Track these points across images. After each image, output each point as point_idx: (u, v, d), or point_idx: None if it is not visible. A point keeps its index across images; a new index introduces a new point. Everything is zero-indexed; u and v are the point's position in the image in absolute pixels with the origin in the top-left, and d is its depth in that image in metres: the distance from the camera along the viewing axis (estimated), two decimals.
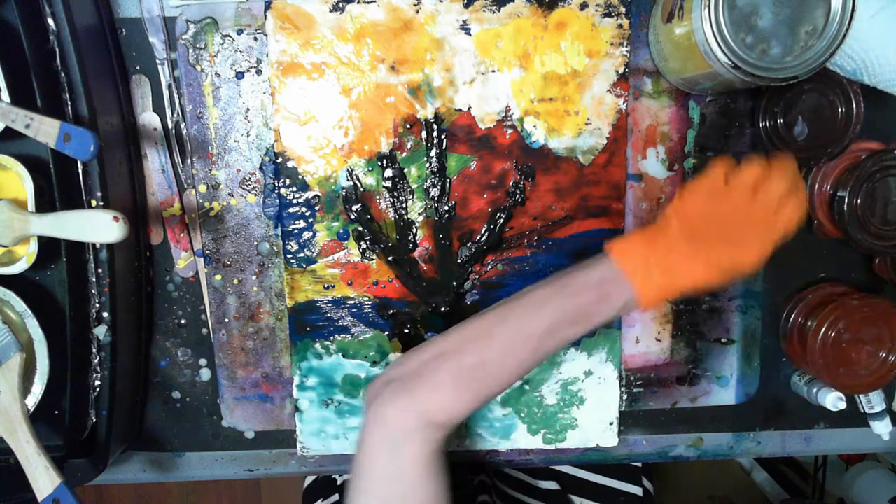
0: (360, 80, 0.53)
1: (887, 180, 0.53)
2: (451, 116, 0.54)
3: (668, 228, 0.45)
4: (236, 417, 0.60)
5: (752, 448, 0.64)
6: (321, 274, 0.56)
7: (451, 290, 0.57)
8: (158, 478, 0.62)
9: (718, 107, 0.56)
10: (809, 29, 0.43)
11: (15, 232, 0.47)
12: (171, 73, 0.54)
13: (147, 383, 0.59)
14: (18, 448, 0.48)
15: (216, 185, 0.56)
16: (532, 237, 0.57)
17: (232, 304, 0.57)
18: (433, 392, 0.44)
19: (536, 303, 0.46)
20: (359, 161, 0.55)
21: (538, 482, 0.74)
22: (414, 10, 0.53)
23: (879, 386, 0.57)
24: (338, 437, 0.59)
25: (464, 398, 0.44)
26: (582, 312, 0.45)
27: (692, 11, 0.45)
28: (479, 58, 0.54)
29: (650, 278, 0.45)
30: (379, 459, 0.44)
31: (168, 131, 0.55)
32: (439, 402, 0.44)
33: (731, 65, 0.44)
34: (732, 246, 0.44)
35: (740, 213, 0.44)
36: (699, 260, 0.44)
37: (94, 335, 0.52)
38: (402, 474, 0.43)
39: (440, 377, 0.44)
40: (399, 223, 0.56)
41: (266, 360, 0.59)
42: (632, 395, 0.61)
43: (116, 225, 0.45)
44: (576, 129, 0.55)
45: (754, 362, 0.61)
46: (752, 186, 0.45)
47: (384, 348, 0.58)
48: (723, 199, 0.45)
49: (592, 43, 0.54)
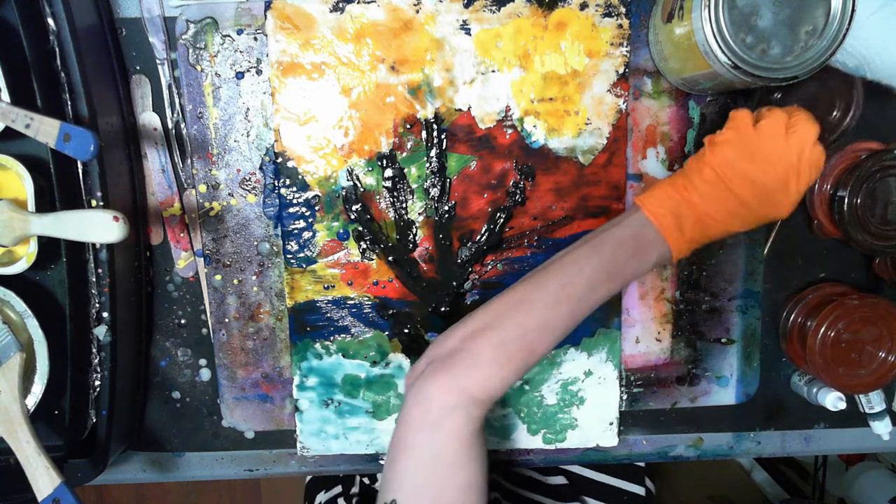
0: (360, 80, 0.54)
1: (887, 180, 0.53)
2: (451, 116, 0.54)
3: (700, 180, 0.45)
4: (236, 417, 0.60)
5: (752, 448, 0.64)
6: (321, 274, 0.56)
7: (451, 290, 0.57)
8: (158, 478, 0.62)
9: (718, 107, 0.56)
10: (809, 29, 0.43)
11: (15, 232, 0.47)
12: (171, 73, 0.54)
13: (147, 383, 0.59)
14: (18, 448, 0.48)
15: (216, 185, 0.56)
16: (532, 237, 0.57)
17: (232, 304, 0.57)
18: (473, 368, 0.43)
19: (574, 264, 0.46)
20: (359, 161, 0.55)
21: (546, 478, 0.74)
22: (414, 10, 0.53)
23: (879, 386, 0.57)
24: (338, 437, 0.59)
25: (504, 372, 0.44)
26: (619, 269, 0.46)
27: (692, 11, 0.45)
28: (479, 58, 0.54)
29: (683, 232, 0.45)
30: (418, 439, 0.43)
31: (168, 131, 0.55)
32: (480, 378, 0.43)
33: (731, 65, 0.44)
34: (769, 194, 0.44)
35: (776, 157, 0.44)
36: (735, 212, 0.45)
37: (94, 335, 0.52)
38: (441, 454, 0.42)
39: (480, 353, 0.44)
40: (399, 223, 0.56)
41: (266, 360, 0.59)
42: (632, 395, 0.61)
43: (116, 225, 0.45)
44: (576, 129, 0.55)
45: (754, 362, 0.61)
46: (783, 130, 0.44)
47: (384, 348, 0.58)
48: (756, 146, 0.44)
49: (592, 43, 0.54)
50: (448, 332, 0.47)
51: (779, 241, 0.58)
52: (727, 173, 0.44)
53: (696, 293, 0.59)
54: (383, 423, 0.59)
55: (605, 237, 0.46)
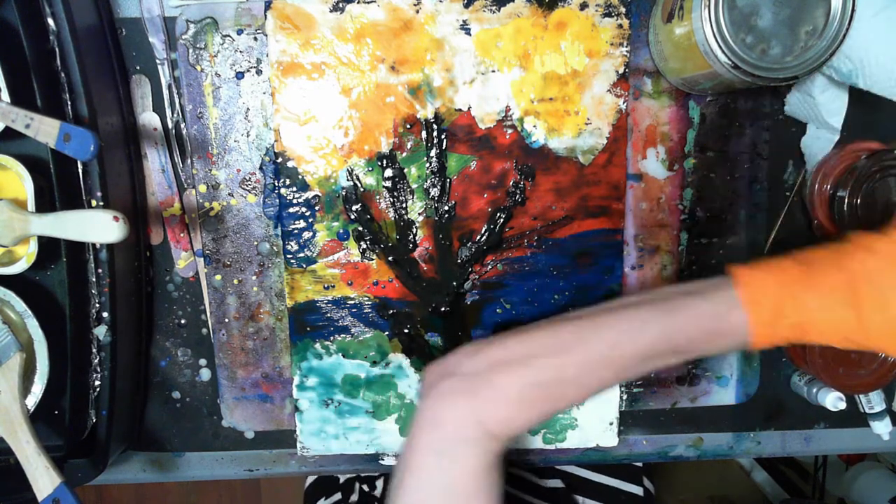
0: (360, 80, 0.54)
1: (887, 180, 0.53)
2: (451, 116, 0.54)
3: (825, 281, 0.37)
4: (236, 417, 0.60)
5: (752, 448, 0.64)
6: (321, 274, 0.56)
7: (451, 290, 0.57)
8: (158, 478, 0.62)
9: (718, 107, 0.56)
10: (809, 29, 0.43)
11: (15, 232, 0.47)
12: (171, 73, 0.54)
13: (147, 383, 0.59)
14: (18, 448, 0.48)
15: (216, 185, 0.56)
16: (532, 237, 0.57)
17: (232, 304, 0.57)
18: (496, 403, 0.39)
19: (634, 324, 0.39)
20: (359, 161, 0.55)
21: (543, 481, 0.74)
22: (414, 10, 0.53)
23: (879, 386, 0.57)
24: (338, 437, 0.59)
25: (529, 414, 0.39)
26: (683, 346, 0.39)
27: (692, 11, 0.45)
28: (479, 58, 0.54)
29: (776, 330, 0.38)
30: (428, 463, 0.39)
31: (168, 131, 0.55)
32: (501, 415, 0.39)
33: (731, 65, 0.44)
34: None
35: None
36: (851, 337, 0.37)
37: (94, 335, 0.52)
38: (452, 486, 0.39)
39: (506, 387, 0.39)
40: (399, 223, 0.56)
41: (266, 360, 0.59)
42: (632, 395, 0.61)
43: (116, 225, 0.45)
44: (576, 129, 0.55)
45: (754, 362, 0.61)
46: None
47: (384, 348, 0.58)
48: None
49: (592, 43, 0.54)
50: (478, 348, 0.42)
51: (779, 240, 0.59)
52: (866, 289, 0.36)
53: None
54: (383, 423, 0.59)
55: (680, 303, 0.39)
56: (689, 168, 0.57)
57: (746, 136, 0.57)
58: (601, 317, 0.41)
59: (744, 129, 0.57)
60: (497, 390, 0.39)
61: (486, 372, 0.40)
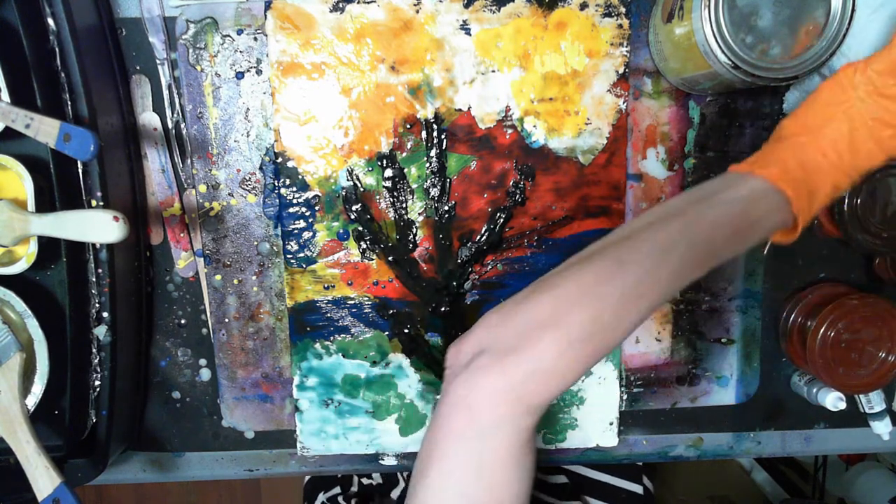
0: (360, 80, 0.54)
1: (887, 180, 0.53)
2: (451, 116, 0.54)
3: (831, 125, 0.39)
4: (236, 417, 0.60)
5: (752, 448, 0.64)
6: (321, 274, 0.56)
7: (451, 290, 0.57)
8: (158, 478, 0.62)
9: (718, 107, 0.56)
10: (809, 29, 0.43)
11: (15, 232, 0.47)
12: (171, 73, 0.54)
13: (147, 383, 0.59)
14: (18, 448, 0.48)
15: (216, 185, 0.56)
16: (532, 237, 0.57)
17: (232, 304, 0.57)
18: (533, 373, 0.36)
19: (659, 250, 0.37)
20: (359, 161, 0.55)
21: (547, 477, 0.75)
22: (414, 10, 0.53)
23: (879, 386, 0.57)
24: (338, 437, 0.59)
25: (569, 376, 0.37)
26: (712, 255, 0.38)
27: (692, 11, 0.45)
28: (479, 58, 0.54)
29: (813, 199, 0.39)
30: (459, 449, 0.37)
31: (168, 131, 0.55)
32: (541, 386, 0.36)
33: (731, 65, 0.44)
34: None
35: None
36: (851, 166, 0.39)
37: (94, 335, 0.52)
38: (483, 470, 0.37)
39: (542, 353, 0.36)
40: (399, 223, 0.56)
41: (266, 360, 0.59)
42: (632, 395, 0.61)
43: (116, 225, 0.45)
44: (576, 129, 0.55)
45: (754, 362, 0.61)
46: None
47: (384, 348, 0.58)
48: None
49: (592, 43, 0.54)
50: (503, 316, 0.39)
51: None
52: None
53: (696, 293, 0.59)
54: (383, 423, 0.59)
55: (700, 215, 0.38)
56: (689, 168, 0.57)
57: (746, 136, 0.57)
58: (623, 251, 0.38)
59: (744, 129, 0.57)
60: (533, 359, 0.36)
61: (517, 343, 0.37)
